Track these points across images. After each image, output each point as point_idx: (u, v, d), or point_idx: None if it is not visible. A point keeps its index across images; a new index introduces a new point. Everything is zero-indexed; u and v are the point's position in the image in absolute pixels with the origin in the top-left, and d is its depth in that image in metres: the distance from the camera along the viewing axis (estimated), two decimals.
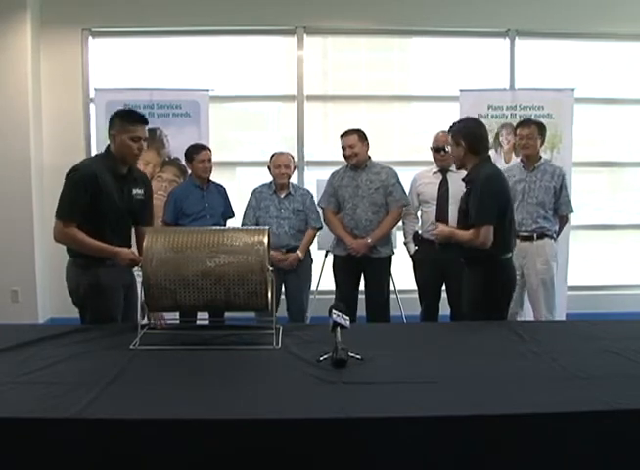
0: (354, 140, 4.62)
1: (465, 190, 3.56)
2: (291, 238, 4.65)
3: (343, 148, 4.65)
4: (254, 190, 4.78)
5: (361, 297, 4.76)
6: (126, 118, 3.30)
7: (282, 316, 4.07)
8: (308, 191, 4.90)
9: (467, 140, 3.51)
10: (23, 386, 2.29)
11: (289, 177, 4.72)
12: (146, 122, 3.35)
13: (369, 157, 4.73)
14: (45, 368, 2.47)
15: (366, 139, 4.69)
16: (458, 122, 3.68)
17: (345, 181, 4.70)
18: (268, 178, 4.83)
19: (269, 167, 4.74)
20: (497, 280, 3.40)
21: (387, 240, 4.74)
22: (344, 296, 4.57)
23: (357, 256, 4.61)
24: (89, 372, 2.44)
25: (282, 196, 4.71)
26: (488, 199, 3.39)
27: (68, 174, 3.21)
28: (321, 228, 4.79)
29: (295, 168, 4.82)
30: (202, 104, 5.68)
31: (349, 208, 4.67)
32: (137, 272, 3.15)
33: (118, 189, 3.28)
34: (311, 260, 4.86)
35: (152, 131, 5.54)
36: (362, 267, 4.71)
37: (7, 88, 5.92)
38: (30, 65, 5.96)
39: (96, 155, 3.48)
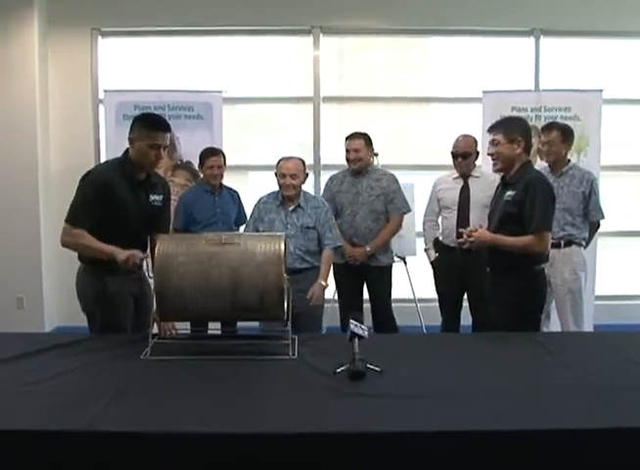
0: (360, 145, 4.63)
1: (507, 193, 3.45)
2: (296, 260, 4.01)
3: (348, 151, 4.65)
4: (259, 200, 4.22)
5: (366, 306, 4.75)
6: (147, 124, 3.27)
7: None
8: (324, 203, 4.23)
9: (526, 138, 3.47)
10: (29, 397, 2.29)
11: (296, 188, 4.06)
12: (168, 130, 3.31)
13: (371, 162, 4.74)
14: (52, 379, 2.47)
15: (371, 144, 4.70)
16: (508, 119, 3.62)
17: (345, 186, 4.71)
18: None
19: (276, 174, 4.14)
20: (534, 289, 3.38)
21: (386, 249, 4.74)
22: (347, 305, 4.58)
23: (356, 264, 4.61)
24: (98, 383, 2.44)
25: (290, 209, 4.09)
26: (549, 204, 3.39)
27: (83, 177, 3.23)
28: (340, 247, 4.33)
29: (306, 176, 4.14)
30: (214, 106, 5.71)
31: (348, 214, 4.67)
32: (150, 279, 3.16)
33: (135, 196, 3.28)
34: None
35: None
36: (362, 276, 4.72)
37: (13, 90, 5.95)
38: (37, 65, 5.98)
39: (114, 159, 3.45)
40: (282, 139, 6.75)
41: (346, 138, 4.71)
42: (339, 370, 2.48)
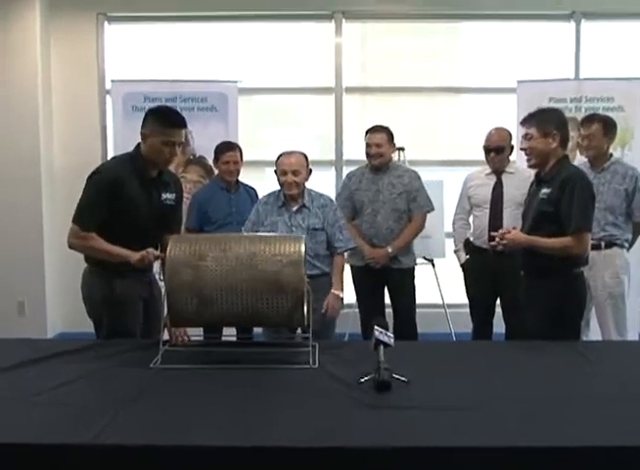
0: (382, 139, 4.63)
1: (542, 191, 3.43)
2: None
3: (368, 145, 4.65)
4: (258, 201, 4.12)
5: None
6: (162, 120, 3.26)
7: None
8: (331, 200, 4.09)
9: (562, 131, 3.44)
10: (31, 408, 2.31)
11: (299, 186, 3.90)
12: (184, 126, 3.31)
13: (392, 158, 4.74)
14: (55, 388, 2.48)
15: (393, 139, 4.70)
16: (542, 111, 3.58)
17: (364, 184, 4.70)
18: None
19: (276, 172, 3.98)
20: (573, 294, 3.36)
21: (408, 250, 4.74)
22: (368, 310, 4.58)
23: (376, 267, 4.62)
24: (105, 393, 2.46)
25: (293, 210, 3.94)
26: (589, 202, 3.37)
27: (89, 177, 3.24)
28: (353, 249, 4.18)
29: (310, 172, 3.96)
30: (229, 97, 5.74)
31: (368, 214, 4.67)
32: (161, 282, 3.17)
33: (147, 194, 3.30)
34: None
35: None
36: (383, 279, 4.72)
37: (13, 80, 5.99)
38: (39, 53, 6.02)
39: (123, 154, 3.47)
40: (301, 133, 6.77)
41: (367, 131, 4.71)
42: (363, 380, 2.48)
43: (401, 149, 5.09)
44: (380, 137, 4.63)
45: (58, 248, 5.91)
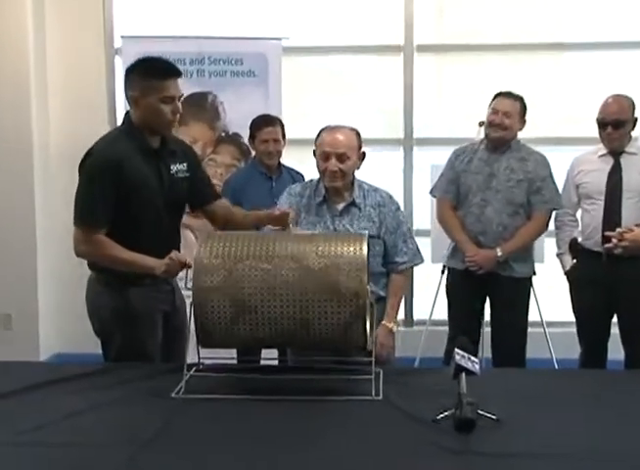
0: (514, 109, 4.58)
1: None
2: None
3: (494, 111, 4.59)
4: (288, 192, 3.86)
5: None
6: (151, 72, 3.29)
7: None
8: (391, 197, 3.82)
9: None
10: (26, 449, 2.34)
11: (345, 176, 3.63)
12: (179, 74, 3.35)
13: (516, 136, 4.67)
14: (55, 424, 2.51)
15: (525, 115, 4.65)
16: None
17: (475, 165, 4.66)
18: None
19: (315, 153, 3.72)
20: None
21: (524, 255, 4.69)
22: (461, 326, 4.56)
23: (479, 273, 4.59)
24: (116, 430, 2.49)
25: (338, 209, 3.70)
26: None
27: (82, 163, 3.28)
28: (421, 262, 3.88)
29: (363, 157, 3.71)
30: (271, 58, 5.75)
31: (476, 204, 4.63)
32: (185, 292, 3.21)
33: (153, 171, 3.33)
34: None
35: (201, 96, 5.62)
36: (488, 289, 4.69)
37: None
38: (30, 3, 6.02)
39: (113, 130, 3.53)
40: (359, 104, 6.75)
41: (497, 95, 4.67)
42: (439, 417, 2.47)
43: (482, 124, 5.04)
44: (511, 105, 4.59)
45: (54, 251, 6.03)
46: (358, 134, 3.71)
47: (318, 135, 3.70)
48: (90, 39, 6.29)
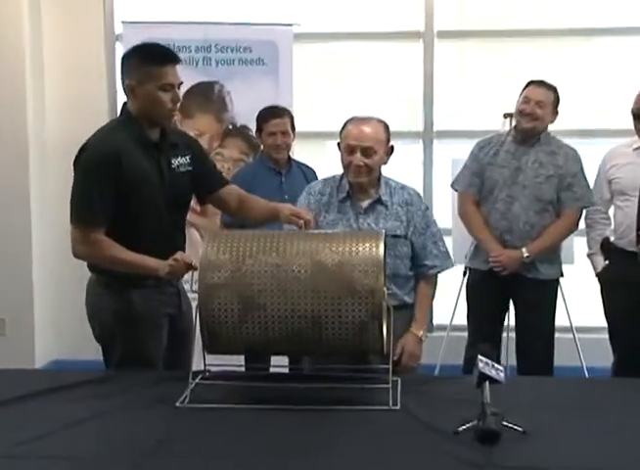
0: (548, 99, 4.57)
1: None
2: None
3: (526, 100, 4.56)
4: (308, 191, 3.82)
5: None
6: (148, 58, 3.29)
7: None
8: (419, 196, 3.82)
9: None
10: (23, 461, 2.34)
11: (371, 171, 3.59)
12: (178, 60, 3.35)
13: (547, 129, 4.65)
14: (53, 435, 2.51)
15: (558, 106, 4.64)
16: None
17: (502, 158, 4.65)
18: None
19: (339, 146, 3.69)
20: None
21: (552, 256, 4.68)
22: (481, 330, 4.58)
23: (503, 274, 4.57)
24: (118, 441, 2.49)
25: (362, 206, 3.67)
26: None
27: (77, 158, 3.28)
28: (451, 267, 3.87)
29: (391, 151, 3.67)
30: (282, 46, 5.75)
31: (502, 200, 4.62)
32: (192, 295, 3.21)
33: (154, 165, 3.33)
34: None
35: (208, 86, 5.62)
36: (511, 292, 4.69)
37: None
38: None
39: (110, 122, 3.52)
40: (376, 94, 6.74)
41: (529, 83, 4.65)
42: (461, 429, 2.46)
43: (507, 116, 5.04)
44: (545, 95, 4.58)
45: (50, 250, 6.06)
46: (386, 126, 3.66)
47: (343, 127, 3.66)
48: (89, 25, 6.31)
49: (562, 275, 4.78)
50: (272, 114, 4.85)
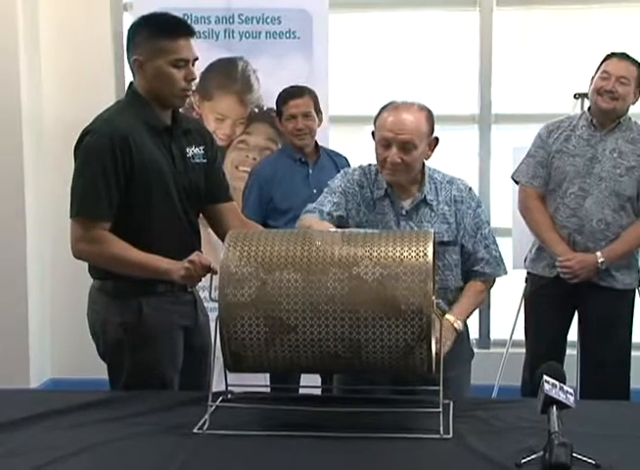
0: (632, 74, 4.52)
1: None
2: None
3: (605, 76, 4.50)
4: (345, 175, 3.68)
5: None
6: (158, 30, 3.32)
7: None
8: (470, 190, 3.68)
9: None
10: None
11: (410, 167, 3.47)
12: (192, 33, 3.38)
13: (627, 112, 4.60)
14: (53, 464, 2.53)
15: None
16: None
17: (574, 144, 4.61)
18: None
19: (374, 135, 3.57)
20: None
21: (630, 261, 4.65)
22: (544, 349, 4.56)
23: (573, 281, 4.54)
24: None
25: (404, 206, 3.56)
26: None
27: (78, 143, 3.31)
28: (504, 274, 3.74)
29: (435, 145, 3.56)
30: (316, 16, 5.74)
31: (572, 194, 4.60)
32: (209, 304, 3.22)
33: (165, 153, 3.36)
34: (471, 353, 3.84)
35: (230, 63, 5.63)
36: (578, 302, 4.67)
37: None
38: None
39: (115, 104, 3.54)
40: (424, 72, 6.74)
41: (608, 56, 4.59)
42: (524, 461, 2.45)
43: (584, 95, 5.00)
44: (627, 69, 4.52)
45: (49, 252, 6.14)
46: (430, 114, 3.52)
47: (378, 114, 3.53)
48: None
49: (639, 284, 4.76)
50: (289, 94, 4.83)
